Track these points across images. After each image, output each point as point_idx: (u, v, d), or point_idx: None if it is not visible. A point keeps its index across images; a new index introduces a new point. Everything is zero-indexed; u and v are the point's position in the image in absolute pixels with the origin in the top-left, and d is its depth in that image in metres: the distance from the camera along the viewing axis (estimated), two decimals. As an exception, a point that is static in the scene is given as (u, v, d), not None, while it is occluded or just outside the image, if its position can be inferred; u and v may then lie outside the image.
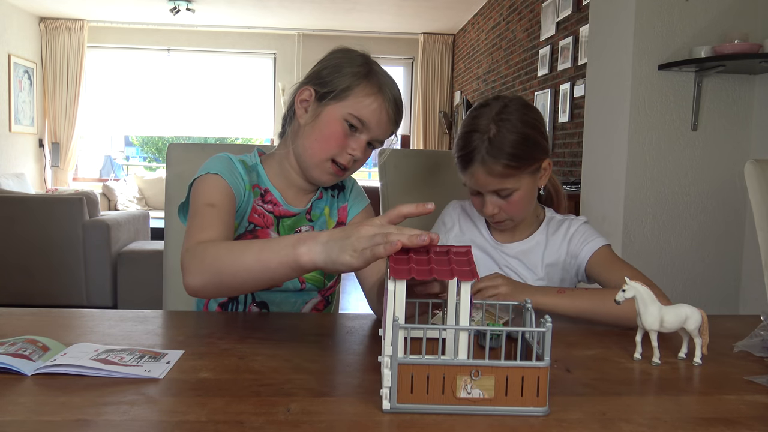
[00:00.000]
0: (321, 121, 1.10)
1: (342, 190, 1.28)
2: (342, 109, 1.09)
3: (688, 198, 2.45)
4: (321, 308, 1.23)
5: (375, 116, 1.10)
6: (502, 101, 1.18)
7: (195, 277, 0.89)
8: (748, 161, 1.50)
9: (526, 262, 1.24)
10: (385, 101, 1.10)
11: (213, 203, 1.04)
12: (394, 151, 1.61)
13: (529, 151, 1.15)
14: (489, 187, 1.16)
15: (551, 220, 1.27)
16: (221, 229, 1.01)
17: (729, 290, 2.48)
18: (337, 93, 1.09)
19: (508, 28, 5.44)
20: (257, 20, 7.21)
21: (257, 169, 1.19)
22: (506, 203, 1.17)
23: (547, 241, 1.24)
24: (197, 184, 1.09)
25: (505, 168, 1.13)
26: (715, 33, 2.36)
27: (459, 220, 1.32)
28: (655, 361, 0.84)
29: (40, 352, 0.78)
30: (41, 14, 7.18)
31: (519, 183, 1.15)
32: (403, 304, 0.69)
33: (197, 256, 0.90)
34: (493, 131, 1.13)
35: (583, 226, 1.24)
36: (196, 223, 1.01)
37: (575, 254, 1.21)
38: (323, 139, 1.10)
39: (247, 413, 0.64)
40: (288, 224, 1.19)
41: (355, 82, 1.09)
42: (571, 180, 3.62)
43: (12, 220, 3.60)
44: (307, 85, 1.13)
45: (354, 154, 1.11)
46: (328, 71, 1.12)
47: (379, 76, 1.12)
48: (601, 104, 2.67)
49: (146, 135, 16.20)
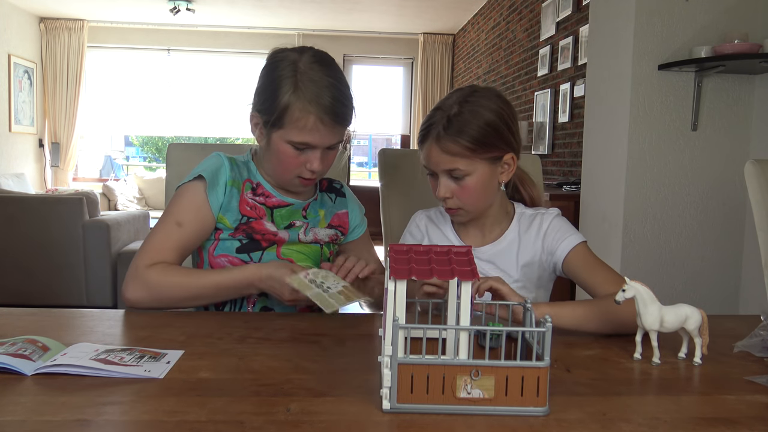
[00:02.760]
0: (272, 149, 1.15)
1: (341, 196, 1.33)
2: (284, 136, 1.13)
3: (688, 198, 2.45)
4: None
5: (314, 134, 1.11)
6: (474, 88, 1.16)
7: (134, 294, 1.07)
8: (748, 161, 1.50)
9: (500, 265, 1.19)
10: (320, 112, 1.09)
11: (181, 222, 1.14)
12: (394, 151, 1.61)
13: (487, 137, 1.10)
14: (440, 165, 1.12)
15: (522, 216, 1.22)
16: (177, 252, 1.13)
17: (729, 290, 2.48)
18: (275, 120, 1.12)
19: (508, 28, 5.44)
20: (257, 20, 7.21)
21: (248, 165, 1.23)
22: (459, 188, 1.13)
23: (520, 239, 1.19)
24: (180, 192, 1.18)
25: (458, 147, 1.09)
26: (715, 33, 2.36)
27: (426, 230, 1.27)
28: (655, 361, 0.84)
29: (40, 352, 0.78)
30: (41, 14, 7.17)
31: (472, 167, 1.11)
32: (404, 304, 0.69)
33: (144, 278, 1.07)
34: (454, 110, 1.11)
35: (557, 220, 1.19)
36: (157, 239, 1.13)
37: (551, 251, 1.17)
38: (280, 165, 1.16)
39: (247, 413, 0.64)
40: (282, 214, 1.22)
41: (286, 104, 1.10)
42: (571, 180, 3.62)
43: (12, 220, 3.60)
44: (254, 111, 1.17)
45: (313, 169, 1.14)
46: (265, 96, 1.14)
47: (309, 86, 1.10)
48: (601, 104, 2.67)
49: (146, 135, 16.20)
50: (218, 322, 1.03)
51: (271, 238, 1.18)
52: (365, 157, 17.92)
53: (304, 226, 1.23)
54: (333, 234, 1.27)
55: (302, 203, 1.24)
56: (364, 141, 17.23)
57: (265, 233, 1.18)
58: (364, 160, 17.85)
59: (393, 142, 10.04)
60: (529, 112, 4.78)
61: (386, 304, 0.70)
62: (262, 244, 1.18)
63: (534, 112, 4.62)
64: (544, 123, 4.40)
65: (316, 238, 1.24)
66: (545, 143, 4.35)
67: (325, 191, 1.31)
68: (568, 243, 1.16)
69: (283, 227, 1.20)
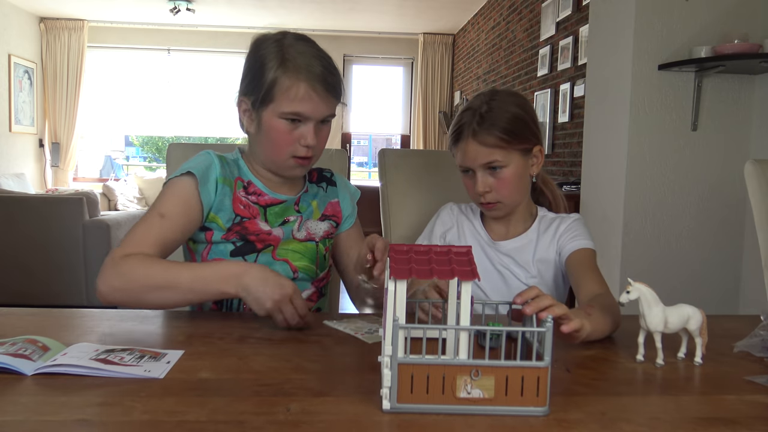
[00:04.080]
0: (264, 129, 1.14)
1: (332, 185, 1.32)
2: (275, 111, 1.11)
3: (688, 198, 2.45)
4: (315, 299, 1.24)
5: (306, 103, 1.10)
6: (495, 89, 1.26)
7: (105, 284, 1.00)
8: (748, 161, 1.50)
9: (519, 260, 1.25)
10: (310, 81, 1.09)
11: (164, 214, 1.10)
12: (394, 151, 1.61)
13: (519, 128, 1.18)
14: (479, 159, 1.18)
15: (543, 218, 1.29)
16: (158, 246, 1.07)
17: (729, 290, 2.48)
18: (264, 96, 1.11)
19: (508, 28, 5.44)
20: (257, 20, 7.21)
21: (238, 163, 1.22)
22: (497, 181, 1.19)
23: (538, 238, 1.26)
24: (168, 186, 1.15)
25: (494, 138, 1.16)
26: (715, 33, 2.36)
27: (457, 219, 1.34)
28: (659, 362, 0.83)
29: (40, 352, 0.78)
30: (41, 14, 7.17)
31: (509, 159, 1.18)
32: (404, 304, 0.69)
33: (118, 267, 1.01)
34: (485, 108, 1.18)
35: (575, 223, 1.26)
36: (139, 231, 1.09)
37: (560, 250, 1.24)
38: (273, 145, 1.14)
39: (247, 413, 0.64)
40: (276, 211, 1.21)
41: (274, 78, 1.10)
42: (571, 180, 3.62)
43: (12, 220, 3.60)
44: (241, 96, 1.17)
45: (308, 143, 1.13)
46: (251, 76, 1.14)
47: (296, 57, 1.10)
48: (601, 104, 2.67)
49: (146, 135, 16.19)
50: (218, 322, 1.03)
51: (266, 239, 1.17)
52: (365, 157, 17.91)
53: (297, 221, 1.22)
54: (327, 228, 1.26)
55: (293, 198, 1.23)
56: (364, 141, 17.23)
57: (260, 233, 1.16)
58: (364, 160, 17.85)
59: (393, 142, 10.03)
60: (529, 112, 4.77)
61: (386, 304, 0.70)
62: (257, 246, 1.16)
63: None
64: (544, 123, 4.39)
65: (309, 234, 1.22)
66: (545, 143, 4.35)
67: (315, 182, 1.30)
68: (575, 244, 1.21)
69: (277, 225, 1.19)
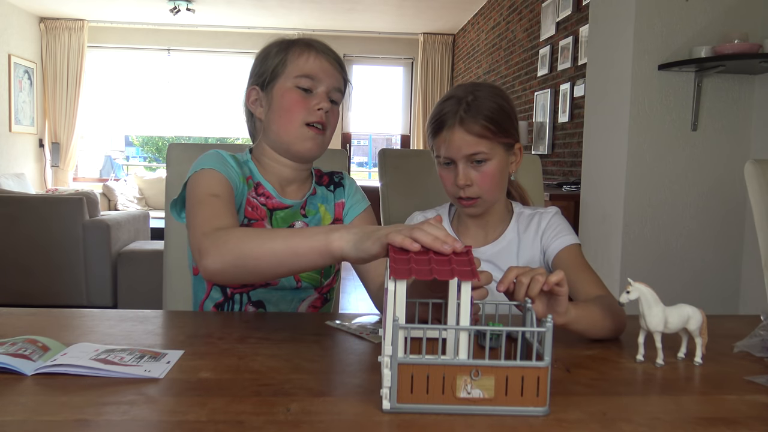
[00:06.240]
0: (275, 102, 1.15)
1: (340, 186, 1.29)
2: (286, 80, 1.15)
3: (688, 198, 2.45)
4: (318, 305, 1.23)
5: (318, 66, 1.14)
6: (476, 82, 1.22)
7: (215, 259, 0.88)
8: (748, 161, 1.50)
9: (501, 265, 1.18)
10: (320, 52, 1.16)
11: (216, 194, 1.04)
12: (394, 151, 1.61)
13: (505, 120, 1.15)
14: (464, 149, 1.12)
15: (521, 215, 1.24)
16: (231, 218, 1.00)
17: (729, 290, 2.48)
18: (275, 71, 1.15)
19: (508, 28, 5.44)
20: (257, 20, 7.21)
21: (249, 164, 1.21)
22: (479, 175, 1.14)
23: (519, 239, 1.21)
24: (195, 179, 1.08)
25: (482, 128, 1.12)
26: (715, 33, 2.36)
27: None
28: (659, 363, 0.83)
29: (40, 352, 0.78)
30: (41, 14, 7.17)
31: (494, 152, 1.14)
32: (404, 304, 0.69)
33: (219, 239, 0.90)
34: (470, 97, 1.14)
35: (555, 218, 1.21)
36: (206, 212, 0.99)
37: (545, 248, 1.19)
38: (286, 112, 1.15)
39: (247, 413, 0.64)
40: (281, 216, 1.20)
41: (284, 52, 1.16)
42: (571, 180, 3.62)
43: (12, 220, 3.60)
44: (250, 87, 1.20)
45: (321, 106, 1.14)
46: (260, 63, 1.19)
47: (302, 40, 1.18)
48: (601, 104, 2.67)
49: (146, 135, 16.20)
50: (218, 322, 1.03)
51: None
52: (365, 157, 17.92)
53: (303, 227, 1.22)
54: None
55: (299, 202, 1.22)
56: (364, 141, 17.24)
57: None
58: (364, 160, 17.86)
59: (393, 142, 10.04)
60: (529, 112, 4.78)
61: (386, 304, 0.70)
62: None
63: (534, 112, 4.62)
64: (544, 123, 4.40)
65: None
66: (545, 143, 4.35)
67: (325, 185, 1.29)
68: (561, 241, 1.17)
69: None
